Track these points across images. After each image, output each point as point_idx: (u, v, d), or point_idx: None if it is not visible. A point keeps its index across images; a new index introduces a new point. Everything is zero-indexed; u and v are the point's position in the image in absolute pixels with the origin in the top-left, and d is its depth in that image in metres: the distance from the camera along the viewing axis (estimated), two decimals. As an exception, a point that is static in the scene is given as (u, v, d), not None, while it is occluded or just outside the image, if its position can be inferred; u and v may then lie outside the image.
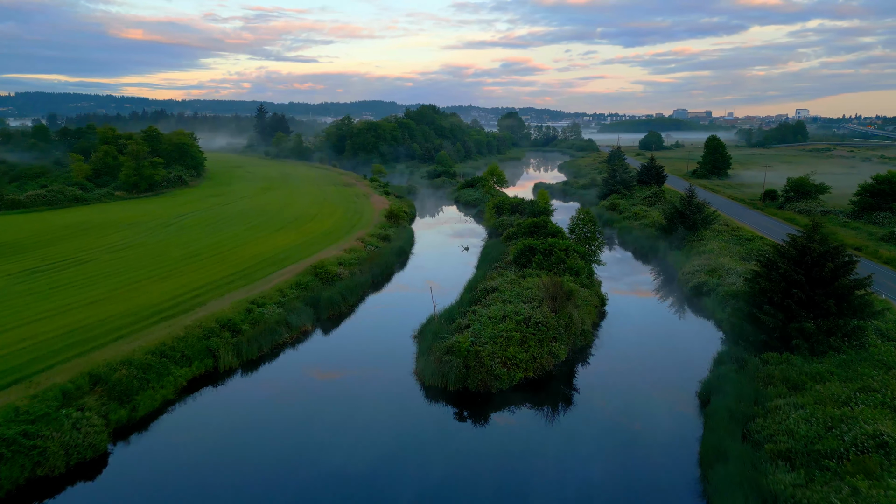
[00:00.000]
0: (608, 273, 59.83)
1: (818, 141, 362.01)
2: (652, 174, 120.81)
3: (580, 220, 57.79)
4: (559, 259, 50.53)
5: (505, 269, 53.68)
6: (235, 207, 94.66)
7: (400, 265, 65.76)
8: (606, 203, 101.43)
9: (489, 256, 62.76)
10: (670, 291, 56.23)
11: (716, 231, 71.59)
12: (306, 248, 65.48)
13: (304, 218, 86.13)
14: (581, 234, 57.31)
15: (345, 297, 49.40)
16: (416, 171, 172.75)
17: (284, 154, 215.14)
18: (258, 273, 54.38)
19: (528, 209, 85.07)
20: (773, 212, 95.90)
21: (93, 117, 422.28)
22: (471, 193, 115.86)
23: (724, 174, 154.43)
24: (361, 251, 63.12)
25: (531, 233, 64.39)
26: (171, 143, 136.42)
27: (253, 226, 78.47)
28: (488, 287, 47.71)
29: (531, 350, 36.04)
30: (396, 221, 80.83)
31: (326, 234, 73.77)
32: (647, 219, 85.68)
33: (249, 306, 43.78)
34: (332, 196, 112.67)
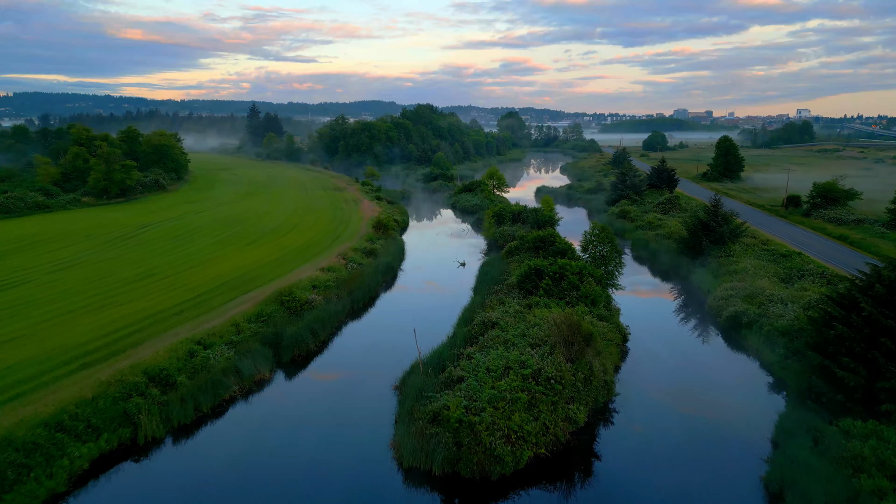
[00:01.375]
0: (623, 294, 51.48)
1: (824, 141, 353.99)
2: (663, 178, 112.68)
3: (594, 237, 49.34)
4: (571, 285, 42.23)
5: (507, 296, 45.37)
6: (209, 216, 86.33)
7: (386, 286, 57.41)
8: (616, 210, 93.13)
9: (488, 276, 54.47)
10: (700, 321, 47.91)
11: (744, 245, 63.34)
12: (278, 266, 57.14)
13: (284, 228, 77.79)
14: (596, 254, 48.88)
15: (315, 331, 41.04)
16: (413, 173, 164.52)
17: (276, 156, 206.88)
18: (214, 300, 46.04)
19: (532, 218, 76.77)
20: (799, 220, 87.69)
21: (86, 118, 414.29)
22: (469, 199, 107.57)
23: (737, 177, 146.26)
24: (341, 270, 54.79)
25: (536, 248, 56.15)
26: (151, 145, 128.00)
27: (223, 238, 70.11)
28: (487, 320, 39.45)
29: (542, 417, 27.74)
30: (385, 232, 72.52)
31: (304, 248, 65.42)
32: (663, 229, 77.38)
33: (193, 348, 35.48)
34: (319, 202, 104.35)
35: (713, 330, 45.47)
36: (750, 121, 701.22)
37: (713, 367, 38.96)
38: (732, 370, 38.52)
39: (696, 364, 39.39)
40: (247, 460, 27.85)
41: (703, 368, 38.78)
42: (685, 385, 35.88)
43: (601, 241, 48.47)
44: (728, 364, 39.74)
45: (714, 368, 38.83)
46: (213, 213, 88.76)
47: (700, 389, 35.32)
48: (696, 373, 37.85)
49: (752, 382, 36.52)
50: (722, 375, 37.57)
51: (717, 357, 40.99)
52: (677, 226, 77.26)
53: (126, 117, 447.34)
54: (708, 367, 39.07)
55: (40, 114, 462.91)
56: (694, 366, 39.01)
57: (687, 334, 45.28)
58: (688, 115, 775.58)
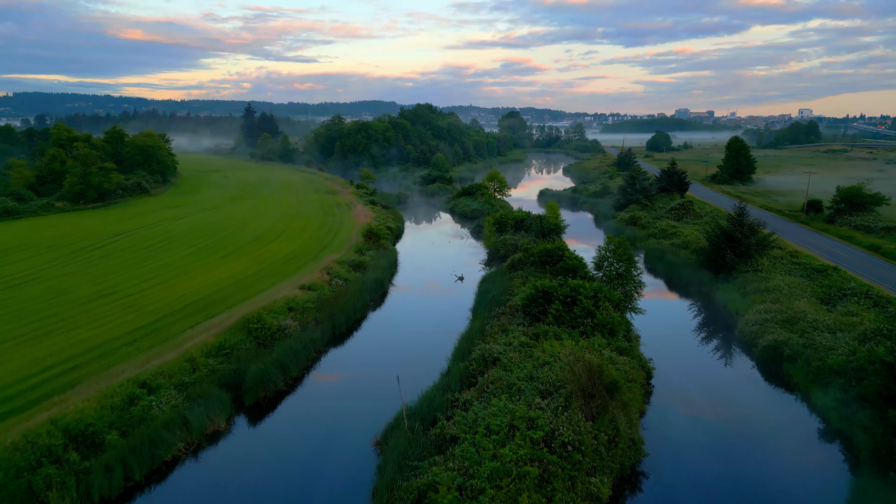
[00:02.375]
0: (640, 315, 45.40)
1: (830, 141, 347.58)
2: (673, 181, 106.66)
3: (610, 253, 43.20)
4: (586, 311, 36.24)
5: (510, 321, 39.39)
6: (189, 223, 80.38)
7: (375, 304, 51.40)
8: (625, 216, 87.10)
9: (488, 294, 48.47)
10: (732, 350, 41.89)
11: (772, 258, 57.34)
12: (254, 283, 51.17)
13: (268, 236, 71.83)
14: (611, 272, 42.75)
15: (285, 366, 35.03)
16: (410, 174, 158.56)
17: (270, 157, 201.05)
18: (174, 326, 40.08)
19: (536, 226, 70.82)
20: (822, 227, 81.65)
21: (82, 118, 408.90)
22: (468, 203, 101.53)
23: (749, 179, 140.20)
24: (324, 288, 48.82)
25: (542, 263, 50.18)
26: (135, 146, 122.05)
27: (199, 249, 64.13)
28: (487, 354, 33.47)
29: (557, 497, 21.75)
30: (376, 242, 66.52)
31: (286, 261, 59.45)
32: (678, 237, 71.34)
33: (135, 392, 29.52)
34: (310, 206, 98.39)
35: (748, 362, 39.44)
36: (752, 121, 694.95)
37: (755, 413, 32.90)
38: (779, 418, 32.46)
39: (734, 408, 33.33)
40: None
41: (743, 414, 32.72)
42: (724, 438, 29.85)
43: (617, 258, 42.39)
44: (772, 409, 33.69)
45: (756, 414, 32.77)
46: (194, 220, 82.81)
47: (743, 444, 29.26)
48: (735, 421, 31.78)
49: (806, 435, 30.49)
50: (767, 424, 31.50)
51: (757, 398, 34.94)
52: (694, 234, 71.29)
53: (122, 117, 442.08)
54: (748, 412, 33.00)
55: (40, 114, 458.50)
56: (732, 411, 32.96)
57: (718, 367, 39.24)
58: (689, 115, 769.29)
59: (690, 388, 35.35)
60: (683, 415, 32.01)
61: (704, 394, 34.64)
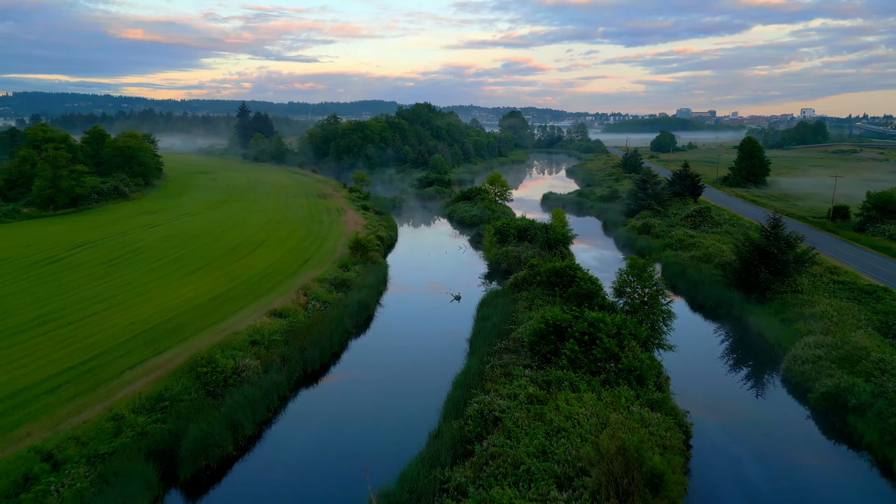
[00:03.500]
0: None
1: (838, 141, 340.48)
2: (686, 185, 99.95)
3: (633, 276, 36.35)
4: (608, 353, 29.52)
5: (514, 362, 32.67)
6: (163, 231, 73.68)
7: (357, 331, 44.67)
8: (637, 223, 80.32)
9: (489, 321, 41.77)
10: (776, 393, 35.15)
11: (811, 276, 50.66)
12: (218, 307, 44.45)
13: (246, 247, 65.14)
14: (635, 301, 35.89)
15: (237, 424, 28.31)
16: (408, 176, 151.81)
17: (263, 158, 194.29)
18: (110, 367, 33.39)
19: (541, 236, 64.12)
20: (851, 236, 74.96)
21: (78, 118, 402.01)
22: (467, 209, 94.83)
23: (763, 182, 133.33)
24: (298, 313, 42.12)
25: (550, 283, 43.44)
26: (115, 147, 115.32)
27: (166, 263, 57.45)
28: (487, 411, 26.80)
29: None
30: (364, 255, 59.78)
31: (261, 278, 52.76)
32: (697, 249, 64.60)
33: (34, 468, 22.90)
34: (297, 212, 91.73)
35: (801, 411, 32.71)
36: (755, 120, 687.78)
37: (821, 488, 26.17)
38: (854, 497, 25.70)
39: (794, 478, 26.59)
40: None
41: (805, 488, 25.99)
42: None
43: (642, 282, 35.61)
44: (841, 480, 26.94)
45: (823, 489, 26.03)
46: (169, 228, 76.11)
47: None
48: (799, 501, 25.05)
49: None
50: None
51: (819, 465, 28.18)
52: (716, 245, 64.56)
53: (119, 116, 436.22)
54: (811, 486, 26.27)
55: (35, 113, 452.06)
56: (793, 484, 26.22)
57: (764, 418, 32.47)
58: (691, 114, 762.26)
59: (736, 449, 28.60)
60: (734, 491, 25.26)
61: (755, 459, 27.87)
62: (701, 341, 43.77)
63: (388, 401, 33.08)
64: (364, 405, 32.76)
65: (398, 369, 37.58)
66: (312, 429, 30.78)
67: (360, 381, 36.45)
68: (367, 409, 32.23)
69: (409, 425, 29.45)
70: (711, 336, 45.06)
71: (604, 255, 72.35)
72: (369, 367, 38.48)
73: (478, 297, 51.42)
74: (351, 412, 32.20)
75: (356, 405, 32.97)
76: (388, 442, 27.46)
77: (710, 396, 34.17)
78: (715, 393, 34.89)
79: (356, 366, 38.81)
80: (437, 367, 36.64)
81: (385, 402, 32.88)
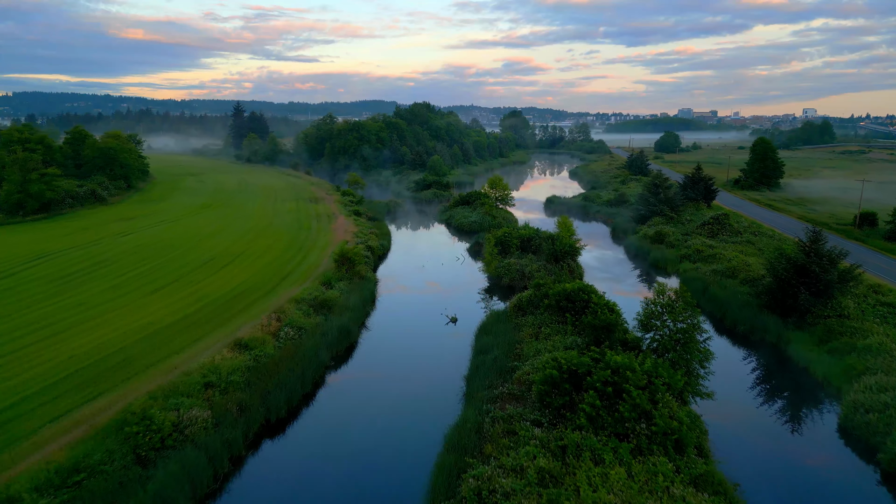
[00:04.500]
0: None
1: (845, 142, 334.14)
2: (699, 188, 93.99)
3: (664, 308, 30.12)
4: (639, 411, 23.56)
5: (520, 416, 26.70)
6: (136, 240, 67.74)
7: (336, 364, 38.68)
8: (649, 231, 74.28)
9: (489, 354, 35.84)
10: (834, 447, 29.15)
11: (855, 297, 44.68)
12: (176, 335, 38.50)
13: (221, 259, 59.22)
14: (666, 339, 29.60)
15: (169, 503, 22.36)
16: (405, 178, 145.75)
17: (256, 159, 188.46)
18: (28, 420, 27.38)
19: (547, 248, 58.25)
20: (883, 245, 69.04)
21: (73, 117, 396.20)
22: (466, 214, 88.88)
23: (776, 185, 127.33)
24: (267, 344, 36.17)
25: (561, 309, 37.50)
26: (96, 149, 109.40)
27: (129, 279, 51.53)
28: (485, 491, 20.87)
29: None
30: (350, 269, 53.82)
31: (232, 298, 46.80)
32: (718, 261, 58.66)
33: None
34: (284, 218, 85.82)
35: (871, 475, 26.71)
36: (757, 120, 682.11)
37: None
38: None
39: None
40: None
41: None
42: None
43: (674, 314, 29.53)
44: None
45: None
46: (143, 236, 70.18)
47: None
48: None
49: None
50: None
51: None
52: (739, 258, 58.60)
53: (115, 116, 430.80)
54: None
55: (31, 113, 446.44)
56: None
57: (825, 484, 26.47)
58: (692, 114, 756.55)
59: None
60: None
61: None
62: (733, 377, 37.67)
63: (366, 463, 27.10)
64: (336, 468, 26.81)
65: (380, 417, 31.55)
66: (273, 496, 24.84)
67: (335, 432, 30.44)
68: (339, 474, 26.27)
69: (391, 499, 23.53)
70: (745, 369, 39.05)
71: (616, 268, 66.36)
72: (346, 412, 32.45)
73: (476, 318, 45.46)
74: (319, 479, 26.24)
75: (327, 468, 27.01)
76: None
77: (754, 451, 28.17)
78: (760, 448, 28.84)
79: (330, 411, 32.78)
80: (428, 415, 30.75)
81: (362, 466, 26.90)
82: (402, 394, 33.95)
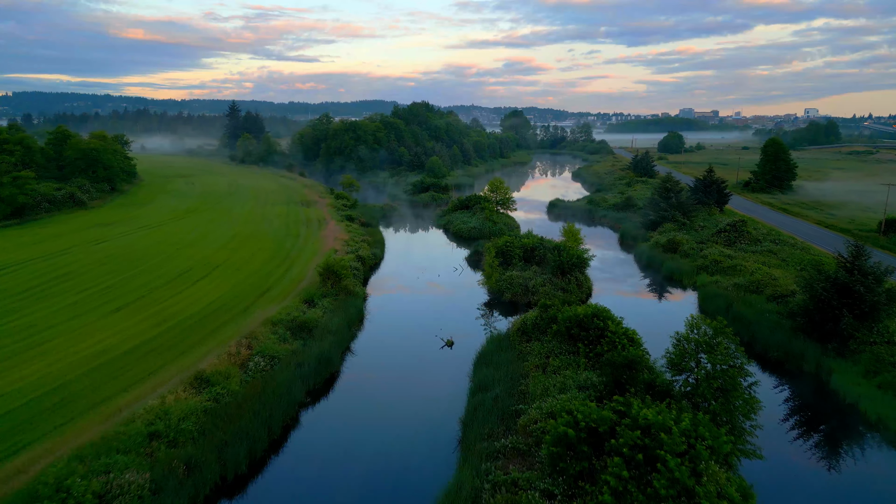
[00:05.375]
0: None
1: (851, 142, 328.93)
2: (711, 192, 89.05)
3: (698, 344, 24.95)
4: (676, 486, 18.57)
5: (527, 485, 21.72)
6: (109, 249, 62.82)
7: (312, 399, 33.67)
8: (661, 239, 69.26)
9: (490, 393, 30.89)
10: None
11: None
12: (131, 366, 33.52)
13: (199, 271, 54.32)
14: (705, 384, 24.22)
15: None
16: (403, 180, 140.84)
17: (250, 159, 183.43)
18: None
19: (553, 259, 53.32)
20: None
21: (70, 117, 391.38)
22: (465, 220, 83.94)
23: (788, 187, 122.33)
24: (232, 378, 31.23)
25: (571, 337, 32.54)
26: (77, 150, 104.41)
27: (91, 295, 46.59)
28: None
29: None
30: (337, 283, 48.85)
31: (202, 318, 41.85)
32: (739, 274, 53.79)
33: None
34: (272, 224, 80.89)
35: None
36: (759, 120, 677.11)
37: None
38: None
39: None
40: None
41: None
42: None
43: (713, 355, 24.30)
44: None
45: None
46: (116, 245, 65.25)
47: None
48: None
49: None
50: None
51: None
52: (762, 270, 53.62)
53: (112, 116, 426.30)
54: None
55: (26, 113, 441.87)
56: None
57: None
58: (694, 114, 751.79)
59: None
60: None
61: None
62: (771, 416, 32.59)
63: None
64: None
65: (359, 470, 26.56)
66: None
67: (304, 491, 25.45)
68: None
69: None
70: (782, 405, 34.03)
71: (627, 282, 61.40)
72: (319, 465, 27.42)
73: (475, 341, 40.56)
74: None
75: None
76: None
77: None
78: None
79: (301, 462, 27.76)
80: (416, 471, 25.82)
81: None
82: (387, 441, 28.94)
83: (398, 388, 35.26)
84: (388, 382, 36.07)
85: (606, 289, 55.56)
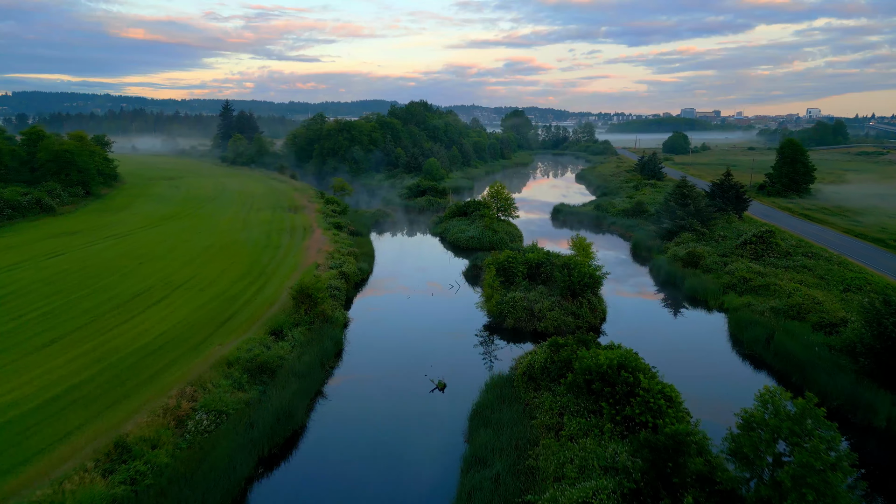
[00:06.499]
0: None
1: (859, 143, 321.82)
2: (730, 197, 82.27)
3: (775, 429, 18.08)
4: None
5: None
6: (62, 263, 56.07)
7: (264, 473, 26.80)
8: (679, 252, 62.43)
9: (489, 470, 24.23)
10: None
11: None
12: (40, 427, 26.75)
13: (157, 291, 47.60)
14: (787, 483, 17.23)
15: None
16: (400, 182, 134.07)
17: (242, 160, 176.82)
18: None
19: (562, 279, 46.49)
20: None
21: (66, 117, 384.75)
22: (462, 228, 77.17)
23: (806, 191, 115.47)
24: (164, 445, 24.54)
25: (593, 392, 25.87)
26: (50, 152, 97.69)
27: (28, 320, 39.86)
28: None
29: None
30: (311, 309, 42.05)
31: (145, 356, 35.08)
32: (775, 295, 47.11)
33: None
34: (253, 232, 74.16)
35: None
36: (762, 120, 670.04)
37: None
38: None
39: None
40: None
41: None
42: None
43: (798, 441, 17.46)
44: None
45: None
46: (72, 258, 58.52)
47: None
48: None
49: None
50: None
51: None
52: (801, 291, 46.84)
53: (108, 116, 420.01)
54: None
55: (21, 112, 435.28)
56: None
57: None
58: (695, 114, 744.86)
59: None
60: None
61: None
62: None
63: None
64: None
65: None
66: None
67: None
68: None
69: None
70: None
71: (648, 305, 54.67)
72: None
73: (471, 381, 33.86)
74: None
75: None
76: None
77: None
78: None
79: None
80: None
81: None
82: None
83: (374, 455, 28.33)
84: (362, 447, 29.07)
85: (622, 312, 48.86)
